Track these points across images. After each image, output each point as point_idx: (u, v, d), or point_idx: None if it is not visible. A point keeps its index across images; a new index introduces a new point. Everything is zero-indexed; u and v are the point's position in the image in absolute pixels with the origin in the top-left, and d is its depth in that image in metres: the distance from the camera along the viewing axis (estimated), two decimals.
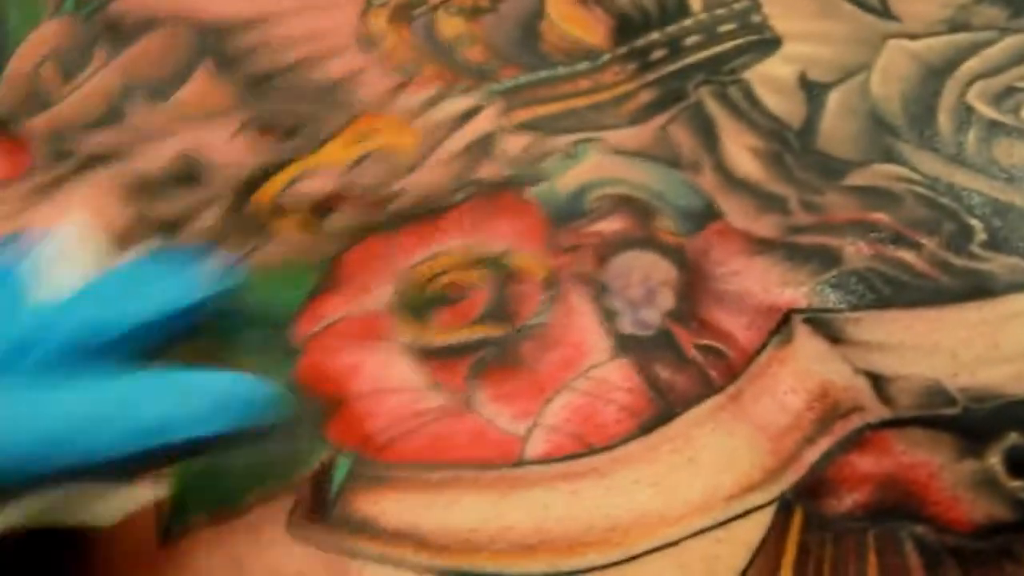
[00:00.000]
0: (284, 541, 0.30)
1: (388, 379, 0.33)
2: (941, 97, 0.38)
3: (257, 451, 0.31)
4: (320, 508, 0.31)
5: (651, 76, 0.40)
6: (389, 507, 0.31)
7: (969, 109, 0.38)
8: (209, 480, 0.31)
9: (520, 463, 0.31)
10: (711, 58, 0.40)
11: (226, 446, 0.28)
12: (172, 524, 0.31)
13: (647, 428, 0.31)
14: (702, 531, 0.30)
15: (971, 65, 0.39)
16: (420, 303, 0.35)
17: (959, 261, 0.34)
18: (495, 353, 0.34)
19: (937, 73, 0.39)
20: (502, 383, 0.33)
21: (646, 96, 0.39)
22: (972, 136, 0.37)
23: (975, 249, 0.35)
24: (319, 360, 0.34)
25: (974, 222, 0.35)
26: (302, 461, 0.32)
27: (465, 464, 0.32)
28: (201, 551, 0.30)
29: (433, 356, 0.34)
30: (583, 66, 0.40)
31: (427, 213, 0.36)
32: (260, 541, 0.30)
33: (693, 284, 0.34)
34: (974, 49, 0.40)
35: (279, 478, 0.31)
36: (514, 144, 0.38)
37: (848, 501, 0.30)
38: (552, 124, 0.39)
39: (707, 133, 0.38)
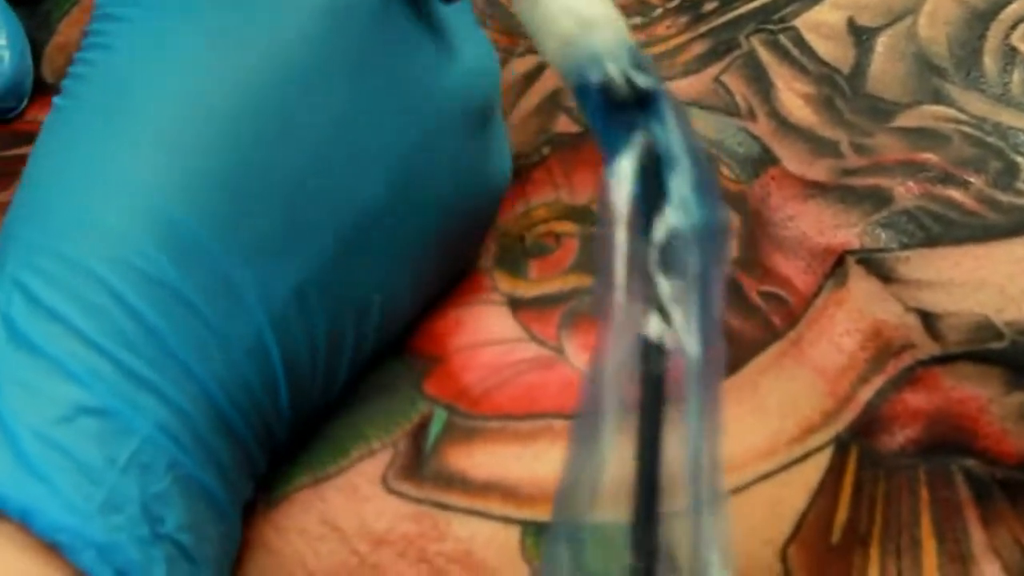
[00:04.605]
0: (378, 497, 0.31)
1: (487, 332, 0.34)
2: (986, 40, 0.39)
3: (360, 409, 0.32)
4: (415, 463, 0.31)
5: (703, 27, 0.41)
6: (479, 459, 0.31)
7: (1013, 51, 0.39)
8: (314, 443, 0.32)
9: None
10: (761, 7, 0.41)
11: None
12: (276, 491, 0.31)
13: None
14: (767, 475, 0.31)
15: (1015, 8, 0.39)
16: (518, 255, 0.36)
17: (1006, 198, 0.35)
18: (584, 303, 0.35)
19: (982, 16, 0.39)
20: (590, 333, 0.34)
21: (699, 47, 0.40)
22: (1017, 76, 0.38)
23: (1021, 186, 0.35)
24: (425, 319, 0.34)
25: (1020, 160, 0.36)
26: (402, 416, 0.32)
27: (555, 414, 0.32)
28: (298, 509, 0.31)
29: (528, 306, 0.35)
30: (636, 20, 0.41)
31: (520, 168, 0.36)
32: (355, 498, 0.31)
33: (754, 230, 0.36)
34: None
35: (381, 434, 0.32)
36: None
37: (900, 438, 0.32)
38: None
39: (760, 81, 0.39)
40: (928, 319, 0.33)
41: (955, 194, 0.35)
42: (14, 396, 0.26)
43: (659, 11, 0.42)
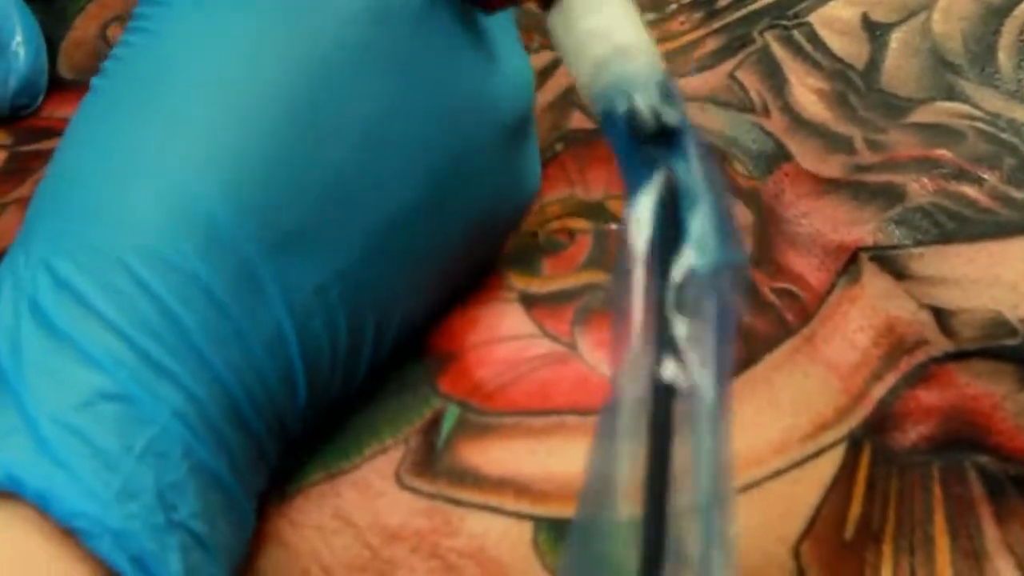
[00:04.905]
0: (391, 492, 0.31)
1: (501, 328, 0.34)
2: (1001, 36, 0.39)
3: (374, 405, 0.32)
4: (428, 458, 0.32)
5: (717, 23, 0.41)
6: (493, 455, 0.32)
7: None
8: (328, 440, 0.32)
9: None
10: (776, 3, 0.41)
11: None
12: (291, 486, 0.31)
13: (733, 373, 0.31)
14: (780, 472, 0.31)
15: None
16: (532, 251, 0.36)
17: (1020, 194, 0.35)
18: (598, 299, 0.35)
19: (997, 12, 0.39)
20: (604, 329, 0.34)
21: (713, 43, 0.40)
22: None
23: None
24: (440, 315, 0.34)
25: None
26: (415, 412, 0.33)
27: (569, 410, 0.32)
28: (312, 504, 0.31)
29: (541, 303, 0.35)
30: (650, 16, 0.41)
31: None
32: (368, 493, 0.31)
33: (768, 227, 0.36)
34: None
35: (394, 431, 0.32)
36: None
37: (913, 434, 0.32)
38: None
39: (774, 77, 0.39)
40: (942, 316, 0.33)
41: (969, 191, 0.35)
42: (36, 380, 0.26)
43: (673, 7, 0.42)
